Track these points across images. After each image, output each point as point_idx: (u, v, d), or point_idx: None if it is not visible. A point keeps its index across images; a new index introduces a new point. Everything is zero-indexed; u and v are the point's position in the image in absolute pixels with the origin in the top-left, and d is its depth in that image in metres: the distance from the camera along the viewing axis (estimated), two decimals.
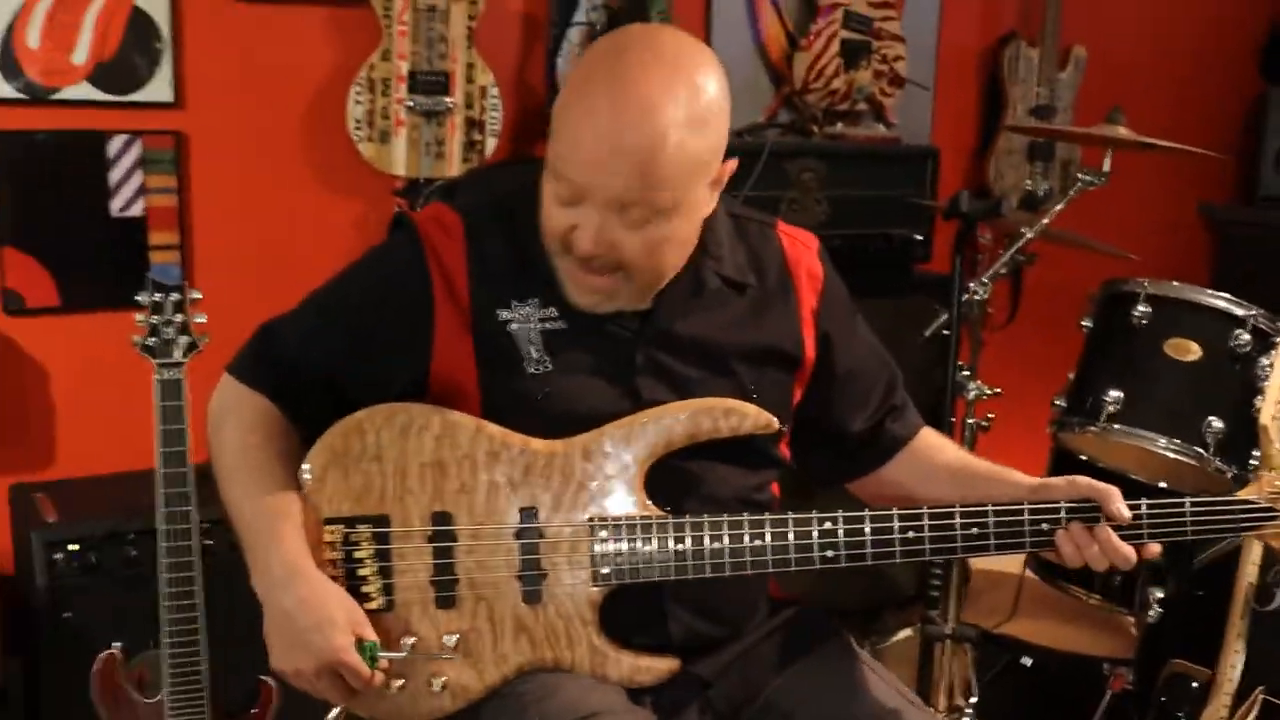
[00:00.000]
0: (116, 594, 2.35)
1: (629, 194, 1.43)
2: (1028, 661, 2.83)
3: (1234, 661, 2.10)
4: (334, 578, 1.50)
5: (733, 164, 1.55)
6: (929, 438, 1.79)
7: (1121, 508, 1.53)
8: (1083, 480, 1.56)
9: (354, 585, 1.50)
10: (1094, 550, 1.52)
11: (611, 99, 1.42)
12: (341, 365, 1.59)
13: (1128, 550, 1.53)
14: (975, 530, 1.53)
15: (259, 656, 2.16)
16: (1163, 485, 2.52)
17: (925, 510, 1.53)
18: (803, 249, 1.72)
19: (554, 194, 1.49)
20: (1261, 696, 2.10)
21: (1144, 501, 1.55)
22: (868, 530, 1.52)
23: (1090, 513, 1.53)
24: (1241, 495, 1.59)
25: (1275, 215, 4.22)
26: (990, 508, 1.53)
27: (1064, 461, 2.73)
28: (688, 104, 1.43)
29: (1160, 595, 2.45)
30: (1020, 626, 3.28)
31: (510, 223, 1.60)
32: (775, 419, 1.55)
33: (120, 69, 2.70)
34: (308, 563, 1.48)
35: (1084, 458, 2.81)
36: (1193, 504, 1.56)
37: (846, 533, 1.51)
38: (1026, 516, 1.54)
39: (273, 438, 1.58)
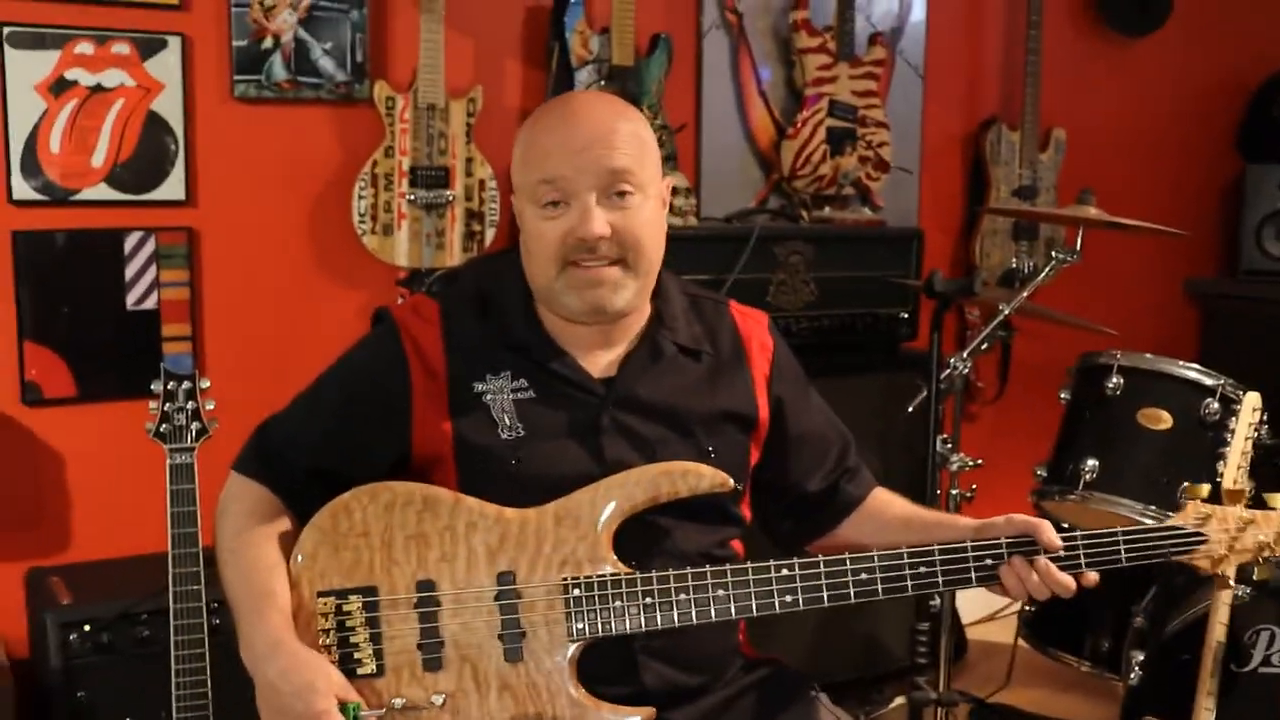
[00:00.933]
0: (128, 673, 2.41)
1: (610, 163, 1.62)
2: None
3: (1205, 719, 2.16)
4: (327, 646, 1.59)
5: (671, 180, 1.77)
6: (881, 495, 1.90)
7: (1054, 537, 1.62)
8: (1019, 516, 1.66)
9: (347, 653, 1.59)
10: (1035, 580, 1.62)
11: (569, 109, 1.70)
12: (329, 455, 1.71)
13: (1066, 579, 1.62)
14: (924, 569, 1.62)
15: None
16: None
17: (875, 553, 1.63)
18: (754, 324, 1.86)
19: (540, 214, 1.66)
20: None
21: (1079, 531, 1.65)
22: (823, 573, 1.61)
23: (1030, 546, 1.63)
24: (1170, 522, 1.67)
25: (1257, 288, 4.31)
26: (936, 547, 1.63)
27: None
28: (630, 109, 1.73)
29: (1141, 658, 2.51)
30: (1015, 695, 3.33)
31: (484, 305, 1.75)
32: (730, 478, 1.65)
33: (136, 169, 2.83)
34: (290, 636, 1.58)
35: (1065, 525, 2.88)
36: (1124, 532, 1.65)
37: (803, 578, 1.61)
38: (971, 553, 1.63)
39: (267, 523, 1.69)
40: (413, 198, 3.02)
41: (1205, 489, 1.69)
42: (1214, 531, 1.67)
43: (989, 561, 1.63)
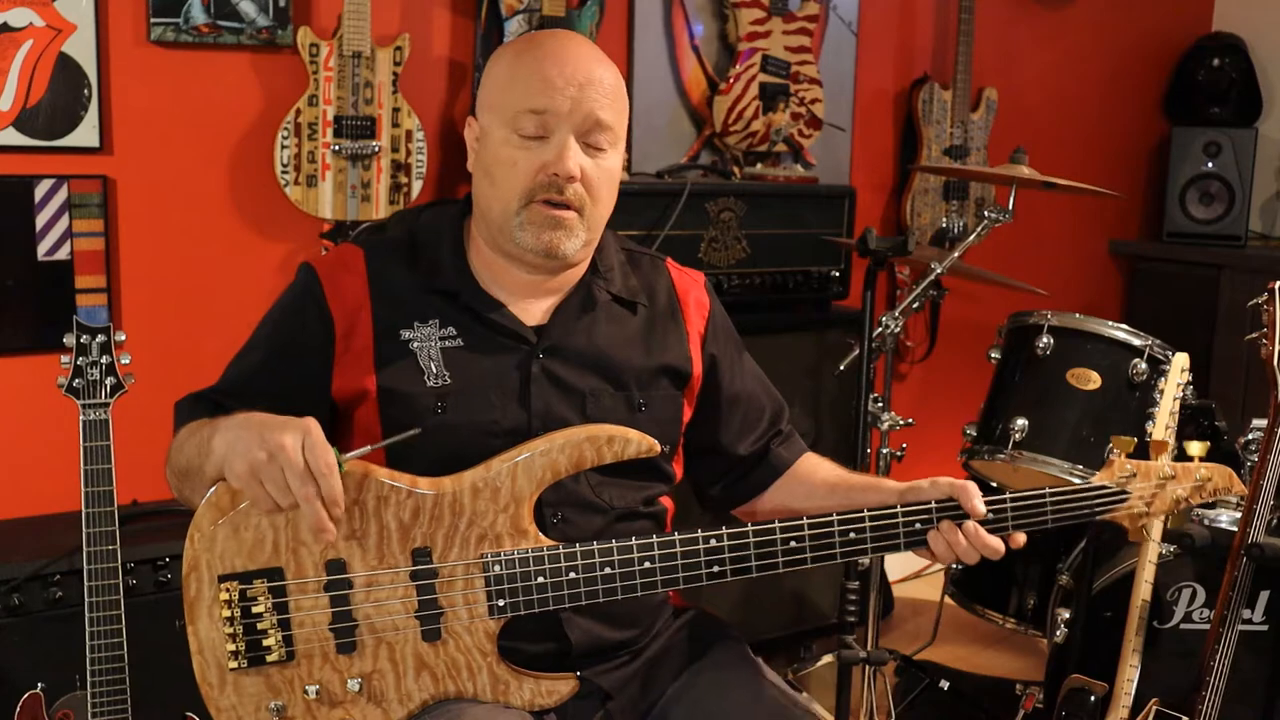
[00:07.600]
0: (41, 635, 2.35)
1: (599, 112, 1.63)
2: (945, 684, 2.91)
3: (1130, 675, 2.18)
4: (231, 634, 1.50)
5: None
6: (810, 459, 1.89)
7: (978, 503, 1.60)
8: (943, 479, 1.64)
9: (253, 639, 1.50)
10: (963, 544, 1.59)
11: (565, 44, 1.66)
12: (256, 404, 1.60)
13: (995, 542, 1.60)
14: (853, 535, 1.59)
15: (182, 694, 2.18)
16: None
17: (805, 520, 1.59)
18: (690, 282, 1.85)
19: (514, 142, 1.62)
20: (1155, 708, 2.18)
21: (1008, 494, 1.63)
22: (751, 543, 1.58)
23: (958, 510, 1.60)
24: (1095, 481, 1.67)
25: (1181, 251, 4.37)
26: (866, 513, 1.60)
27: None
28: (611, 64, 1.71)
29: (1067, 616, 2.53)
30: (940, 652, 3.36)
31: (413, 253, 1.71)
32: (656, 443, 1.60)
33: (47, 114, 2.72)
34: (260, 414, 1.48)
35: (994, 484, 2.91)
36: (1051, 492, 1.64)
37: (731, 547, 1.57)
38: (900, 518, 1.60)
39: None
40: (337, 148, 2.94)
41: (1132, 442, 1.69)
42: (1135, 488, 1.67)
43: (918, 526, 1.61)
